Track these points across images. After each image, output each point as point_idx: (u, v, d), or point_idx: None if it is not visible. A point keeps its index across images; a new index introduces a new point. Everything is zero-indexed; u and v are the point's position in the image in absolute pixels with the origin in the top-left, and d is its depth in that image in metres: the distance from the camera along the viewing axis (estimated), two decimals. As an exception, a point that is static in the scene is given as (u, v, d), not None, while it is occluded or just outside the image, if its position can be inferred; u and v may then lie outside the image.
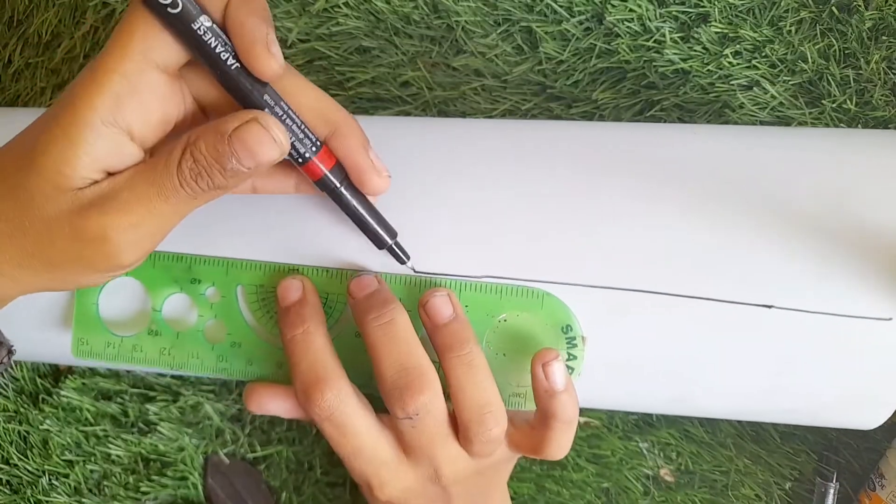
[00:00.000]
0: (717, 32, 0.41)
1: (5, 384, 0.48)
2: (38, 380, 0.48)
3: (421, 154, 0.34)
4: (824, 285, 0.30)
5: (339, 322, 0.33)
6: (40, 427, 0.48)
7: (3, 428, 0.48)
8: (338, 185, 0.29)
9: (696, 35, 0.41)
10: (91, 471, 0.48)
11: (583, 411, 0.46)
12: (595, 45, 0.42)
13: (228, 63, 0.26)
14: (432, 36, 0.44)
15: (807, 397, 0.32)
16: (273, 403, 0.32)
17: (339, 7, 0.44)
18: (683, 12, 0.41)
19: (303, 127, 0.28)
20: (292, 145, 0.27)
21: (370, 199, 0.30)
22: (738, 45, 0.41)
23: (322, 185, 0.29)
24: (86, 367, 0.48)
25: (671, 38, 0.41)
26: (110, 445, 0.47)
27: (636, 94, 0.43)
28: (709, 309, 0.31)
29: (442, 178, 0.33)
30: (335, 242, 0.32)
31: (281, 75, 0.26)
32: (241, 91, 0.26)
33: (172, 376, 0.47)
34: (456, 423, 0.31)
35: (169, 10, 0.24)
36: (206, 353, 0.34)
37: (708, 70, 0.41)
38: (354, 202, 0.30)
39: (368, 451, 0.31)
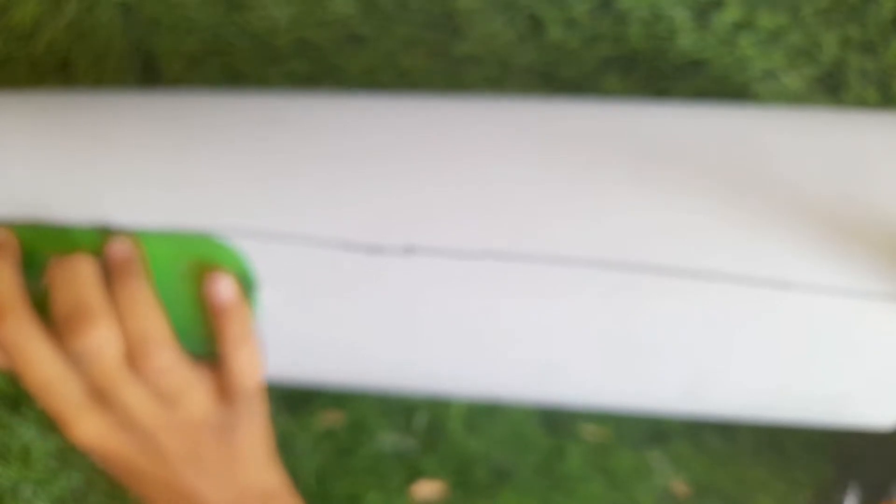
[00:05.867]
0: (732, 20, 0.41)
1: (-16, 391, 0.48)
2: (20, 385, 0.48)
3: (425, 129, 0.33)
4: (843, 267, 0.30)
5: None
6: (22, 435, 0.47)
7: (-19, 436, 0.48)
8: None
9: (710, 22, 0.41)
10: (74, 479, 0.47)
11: (586, 417, 0.45)
12: (604, 32, 0.42)
13: None
14: (431, 22, 0.44)
15: (825, 389, 0.32)
16: None
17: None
18: (697, -2, 0.41)
19: None
20: None
21: None
22: (754, 33, 0.41)
23: None
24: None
25: (684, 26, 0.41)
26: (94, 454, 0.47)
27: (647, 85, 0.43)
28: (721, 291, 0.30)
29: (447, 153, 0.33)
30: None
31: None
32: None
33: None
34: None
35: None
36: None
37: (722, 59, 0.41)
38: None
39: (57, 386, 0.31)
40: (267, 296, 0.33)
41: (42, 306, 0.32)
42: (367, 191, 0.32)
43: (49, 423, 0.47)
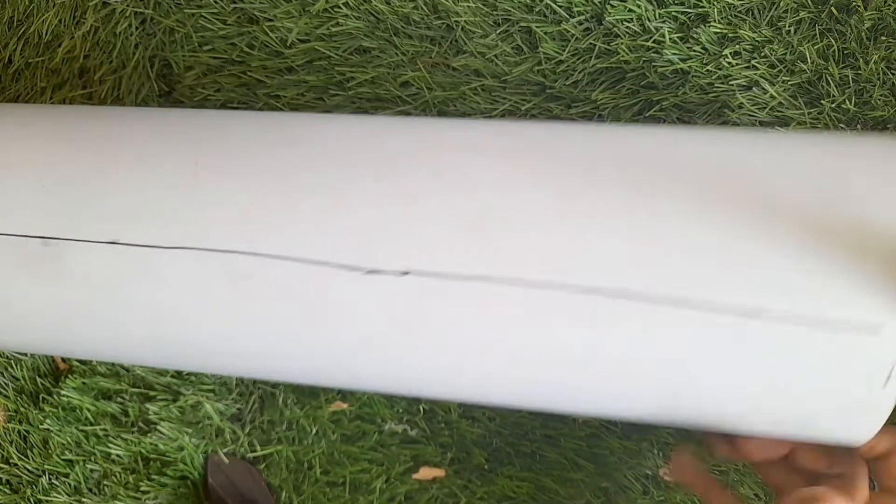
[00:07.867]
0: (716, 32, 0.41)
1: (5, 384, 0.49)
2: (39, 379, 0.49)
3: (418, 153, 0.34)
4: (816, 289, 0.30)
5: None
6: (40, 426, 0.48)
7: (4, 427, 0.48)
8: None
9: (695, 35, 0.41)
10: (91, 470, 0.48)
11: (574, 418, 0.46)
12: (594, 45, 0.42)
13: None
14: (432, 36, 0.44)
15: (796, 408, 0.32)
16: None
17: (339, 7, 0.44)
18: (682, 12, 0.41)
19: None
20: None
21: None
22: (737, 46, 0.41)
23: None
24: (86, 367, 0.48)
25: (670, 39, 0.41)
26: (110, 445, 0.47)
27: (635, 95, 0.43)
28: (697, 316, 0.31)
29: (440, 177, 0.33)
30: None
31: None
32: None
33: (172, 375, 0.47)
34: None
35: None
36: None
37: (707, 70, 0.41)
38: None
39: None
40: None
41: None
42: (367, 216, 0.32)
43: (66, 417, 0.48)
